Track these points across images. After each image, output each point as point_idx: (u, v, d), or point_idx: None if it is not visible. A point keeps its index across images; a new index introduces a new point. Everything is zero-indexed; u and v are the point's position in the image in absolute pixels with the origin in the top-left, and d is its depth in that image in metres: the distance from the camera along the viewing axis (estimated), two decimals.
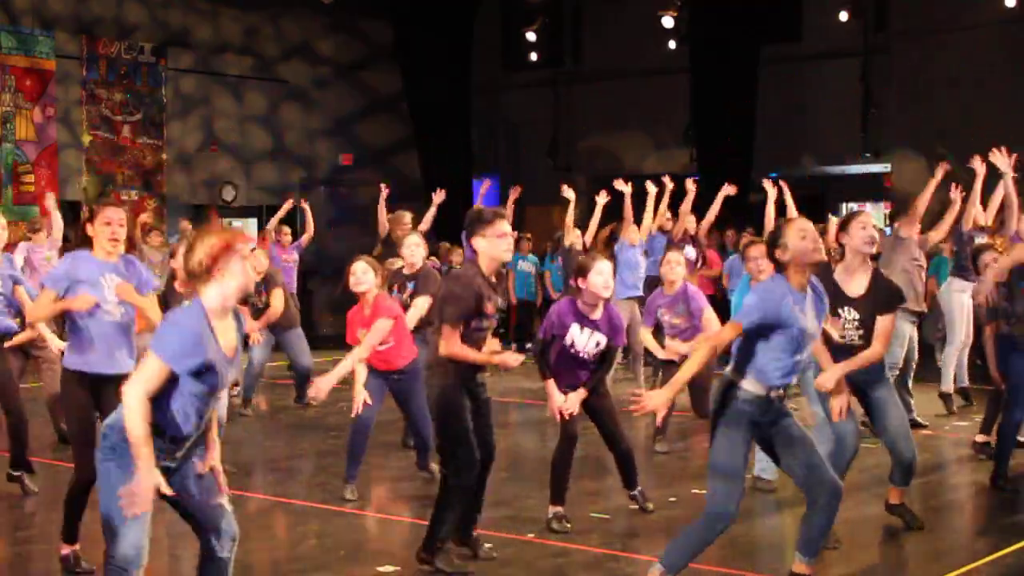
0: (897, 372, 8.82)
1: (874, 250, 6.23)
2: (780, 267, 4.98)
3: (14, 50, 16.34)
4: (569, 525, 6.42)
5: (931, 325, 12.14)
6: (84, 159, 17.22)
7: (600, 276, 6.32)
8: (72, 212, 16.59)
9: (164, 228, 17.82)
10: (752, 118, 17.02)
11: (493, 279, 5.68)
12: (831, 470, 5.14)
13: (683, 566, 5.02)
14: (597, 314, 6.41)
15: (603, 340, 6.42)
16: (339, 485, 7.50)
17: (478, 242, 5.58)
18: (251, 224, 19.41)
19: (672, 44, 18.45)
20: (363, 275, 6.98)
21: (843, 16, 17.17)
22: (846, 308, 6.02)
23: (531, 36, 19.69)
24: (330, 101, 20.16)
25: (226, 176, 18.99)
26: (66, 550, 5.70)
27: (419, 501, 7.04)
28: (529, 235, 15.96)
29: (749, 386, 4.93)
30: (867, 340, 5.94)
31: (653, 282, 11.34)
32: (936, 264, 11.99)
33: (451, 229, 15.17)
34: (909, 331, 9.29)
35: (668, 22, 17.88)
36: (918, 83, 16.97)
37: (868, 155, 17.78)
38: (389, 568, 5.75)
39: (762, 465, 7.25)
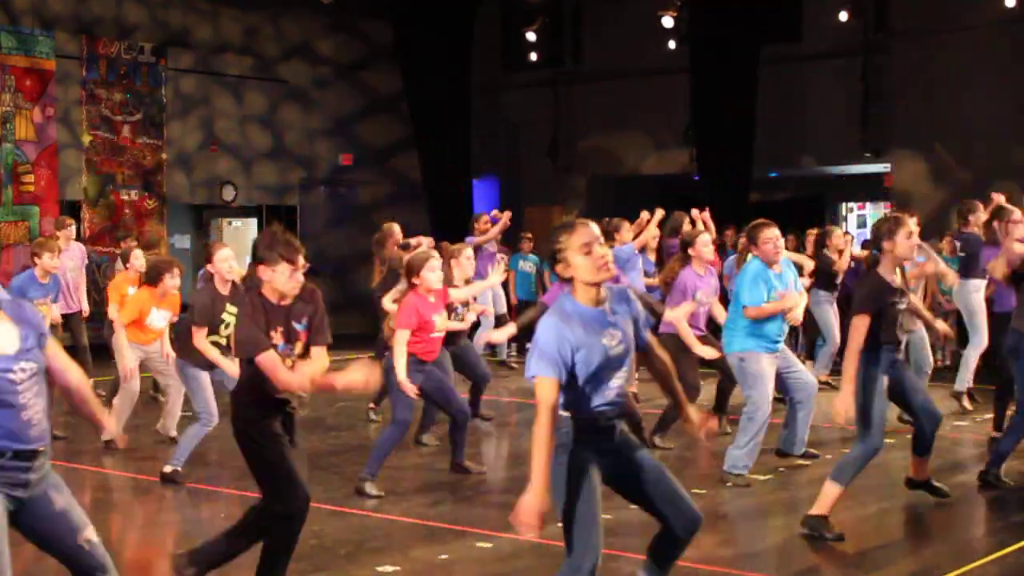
0: None
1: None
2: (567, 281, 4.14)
3: (14, 50, 16.32)
4: None
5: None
6: (84, 159, 17.21)
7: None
8: (72, 212, 16.60)
9: (164, 230, 17.85)
10: (752, 118, 17.01)
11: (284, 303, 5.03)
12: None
13: None
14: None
15: None
16: (339, 485, 7.50)
17: (263, 271, 4.96)
18: (251, 224, 19.41)
19: (672, 44, 18.44)
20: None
21: (843, 16, 17.16)
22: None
23: (531, 36, 19.68)
24: (330, 101, 20.15)
25: (226, 176, 18.99)
26: None
27: (420, 501, 7.04)
28: (529, 235, 15.94)
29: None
30: None
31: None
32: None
33: (451, 229, 15.22)
34: None
35: (668, 22, 17.87)
36: (918, 83, 16.96)
37: (868, 155, 17.77)
38: (389, 568, 5.75)
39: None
